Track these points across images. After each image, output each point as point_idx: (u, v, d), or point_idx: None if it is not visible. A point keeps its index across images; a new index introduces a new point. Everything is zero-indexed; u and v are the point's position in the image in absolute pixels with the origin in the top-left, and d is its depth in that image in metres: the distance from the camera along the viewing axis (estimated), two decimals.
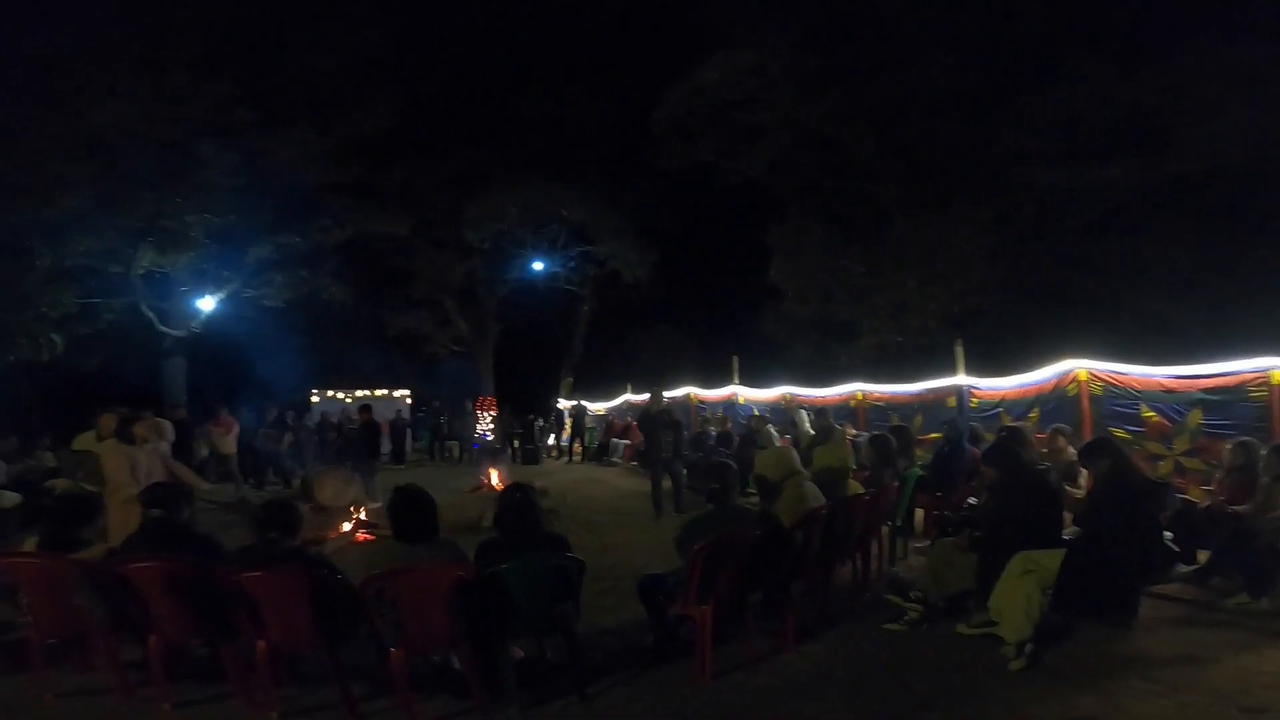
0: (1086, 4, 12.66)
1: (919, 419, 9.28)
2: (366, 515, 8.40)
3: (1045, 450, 6.25)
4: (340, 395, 20.83)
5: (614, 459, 15.74)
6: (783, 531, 4.10)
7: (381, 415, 17.95)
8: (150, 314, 15.17)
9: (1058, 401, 7.41)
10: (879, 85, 13.66)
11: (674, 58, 16.25)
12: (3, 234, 11.78)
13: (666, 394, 15.15)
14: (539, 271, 21.70)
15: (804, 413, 9.60)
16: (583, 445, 17.19)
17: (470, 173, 19.14)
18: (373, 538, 7.90)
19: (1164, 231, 11.88)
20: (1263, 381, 5.95)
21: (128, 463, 5.49)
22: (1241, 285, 10.90)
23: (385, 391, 21.36)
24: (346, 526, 8.11)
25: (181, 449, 7.80)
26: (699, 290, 21.10)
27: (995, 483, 4.20)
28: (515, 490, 3.72)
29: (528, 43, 19.42)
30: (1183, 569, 4.76)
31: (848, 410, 10.17)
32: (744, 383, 13.12)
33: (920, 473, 6.42)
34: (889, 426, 7.70)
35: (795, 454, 4.70)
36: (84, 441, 6.40)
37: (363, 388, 21.05)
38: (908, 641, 4.15)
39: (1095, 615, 3.80)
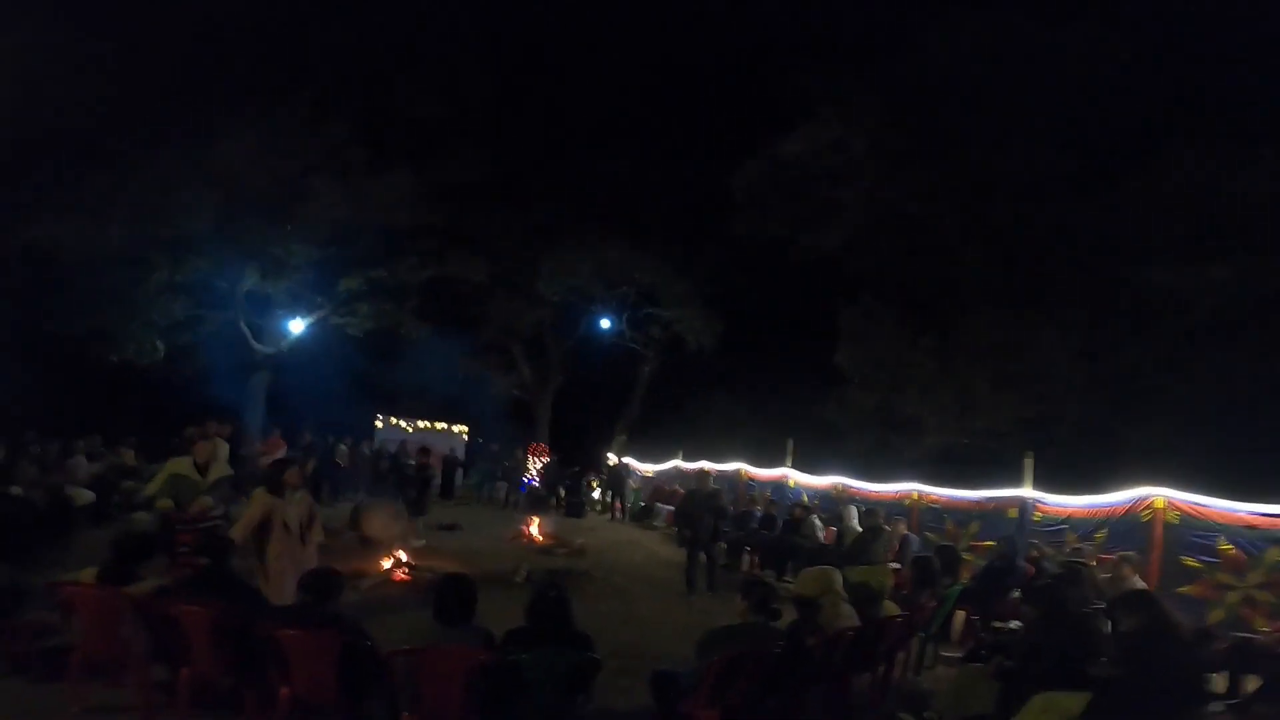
0: (1205, 80, 11.76)
1: (975, 526, 8.87)
2: (408, 555, 8.58)
3: (1108, 576, 5.93)
4: (403, 424, 21.58)
5: (656, 523, 15.56)
6: (806, 651, 4.01)
7: (437, 449, 18.63)
8: (246, 330, 16.30)
9: (1129, 526, 6.99)
10: (969, 164, 13.24)
11: (757, 127, 16.50)
12: (125, 246, 12.97)
13: (717, 466, 15.11)
14: (605, 328, 22.17)
15: (853, 509, 9.31)
16: (623, 504, 17.06)
17: (549, 226, 19.95)
18: (409, 578, 8.10)
19: (1276, 339, 10.91)
20: None
21: (275, 514, 5.40)
22: None
23: (445, 425, 21.99)
24: (387, 564, 8.32)
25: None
26: (762, 365, 20.83)
27: (1036, 621, 3.99)
28: (550, 590, 3.83)
29: (614, 104, 20.30)
30: (1217, 708, 4.38)
31: (901, 509, 9.77)
32: (797, 466, 12.81)
33: (963, 585, 6.14)
34: (935, 546, 7.38)
35: (837, 575, 4.64)
36: (180, 466, 6.18)
37: (425, 419, 21.74)
38: None
39: None
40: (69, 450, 9.81)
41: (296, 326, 17.22)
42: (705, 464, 15.58)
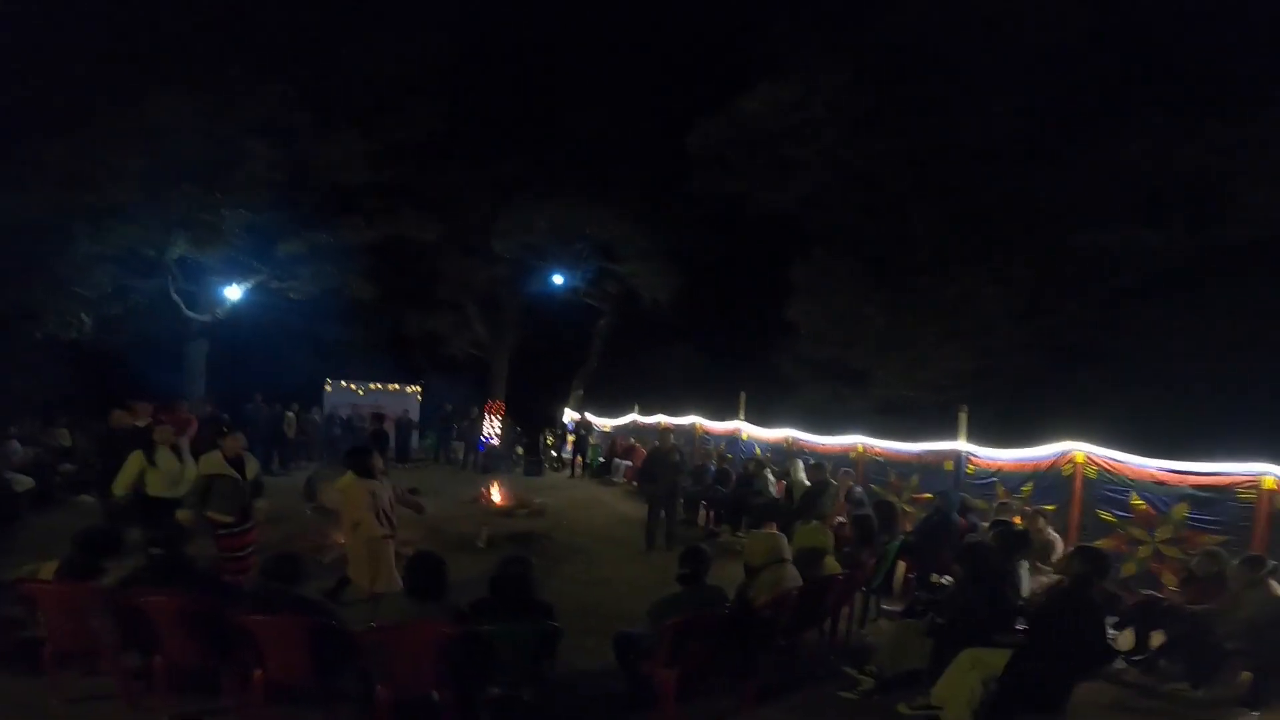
0: (1154, 55, 11.87)
1: (916, 478, 9.30)
2: None
3: (1026, 529, 6.35)
4: (354, 387, 21.25)
5: (615, 478, 15.91)
6: (754, 612, 4.30)
7: (390, 411, 18.51)
8: (178, 298, 15.63)
9: (1053, 479, 7.41)
10: (928, 127, 13.41)
11: (718, 85, 16.32)
12: (46, 216, 12.17)
13: (674, 420, 15.45)
14: (561, 284, 22.05)
15: (800, 461, 9.69)
16: (585, 461, 17.37)
17: (504, 183, 19.51)
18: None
19: (1200, 302, 11.44)
20: (1253, 485, 5.96)
21: (369, 499, 5.38)
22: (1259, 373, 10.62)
23: (398, 387, 21.76)
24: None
25: None
26: (719, 319, 21.18)
27: (962, 579, 4.36)
28: (514, 564, 3.97)
29: (572, 59, 19.65)
30: (1121, 665, 4.92)
31: (848, 461, 10.18)
32: (751, 419, 13.16)
33: (903, 539, 6.54)
34: (874, 502, 7.75)
35: (784, 541, 4.92)
36: (212, 464, 5.65)
37: (378, 381, 21.46)
38: (856, 711, 4.41)
39: (1033, 709, 3.92)
40: (3, 435, 9.37)
41: (233, 293, 16.63)
42: (663, 418, 15.94)
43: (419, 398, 21.70)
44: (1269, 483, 5.84)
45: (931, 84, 13.28)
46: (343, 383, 21.18)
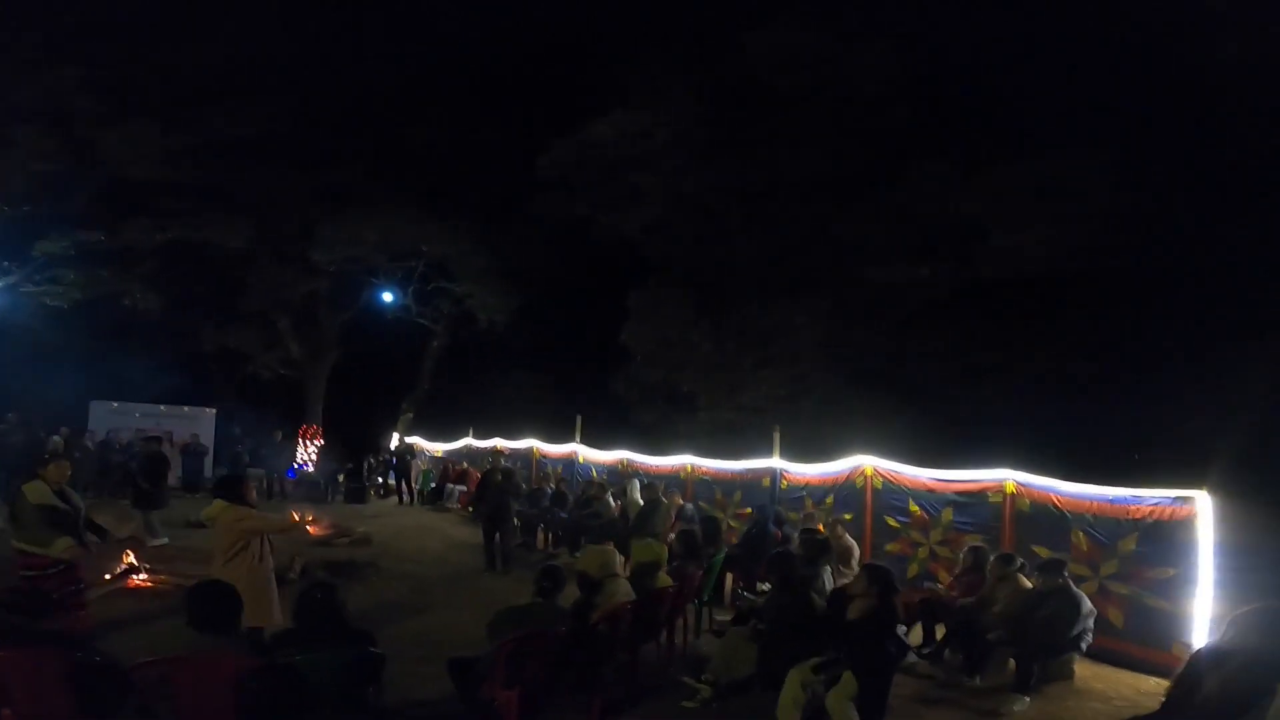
0: (943, 106, 13.62)
1: (739, 495, 9.96)
2: (141, 558, 7.64)
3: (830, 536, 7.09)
4: (135, 409, 18.37)
5: (449, 504, 15.31)
6: (592, 627, 4.41)
7: (179, 435, 16.29)
8: None
9: (849, 491, 8.33)
10: (756, 164, 14.44)
11: (567, 108, 16.58)
12: None
13: (511, 443, 15.26)
14: (389, 302, 20.90)
15: (636, 482, 10.05)
16: (410, 487, 16.51)
17: (332, 190, 18.14)
18: (149, 584, 7.26)
19: (959, 332, 13.44)
20: (999, 489, 7.08)
21: (247, 529, 4.92)
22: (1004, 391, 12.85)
23: (188, 408, 19.19)
24: (118, 570, 7.31)
25: None
26: (556, 341, 21.21)
27: (775, 586, 4.82)
28: (315, 590, 3.71)
29: (418, 67, 18.83)
30: (913, 658, 5.55)
31: (678, 481, 10.67)
32: (587, 442, 13.31)
33: (727, 552, 7.05)
34: (700, 517, 8.24)
35: (615, 555, 5.10)
36: (41, 495, 4.95)
37: (162, 402, 18.77)
38: None
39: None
40: None
41: None
42: (499, 442, 15.66)
43: (214, 421, 19.28)
44: (1010, 487, 6.97)
45: (761, 124, 14.57)
46: (114, 403, 18.23)
